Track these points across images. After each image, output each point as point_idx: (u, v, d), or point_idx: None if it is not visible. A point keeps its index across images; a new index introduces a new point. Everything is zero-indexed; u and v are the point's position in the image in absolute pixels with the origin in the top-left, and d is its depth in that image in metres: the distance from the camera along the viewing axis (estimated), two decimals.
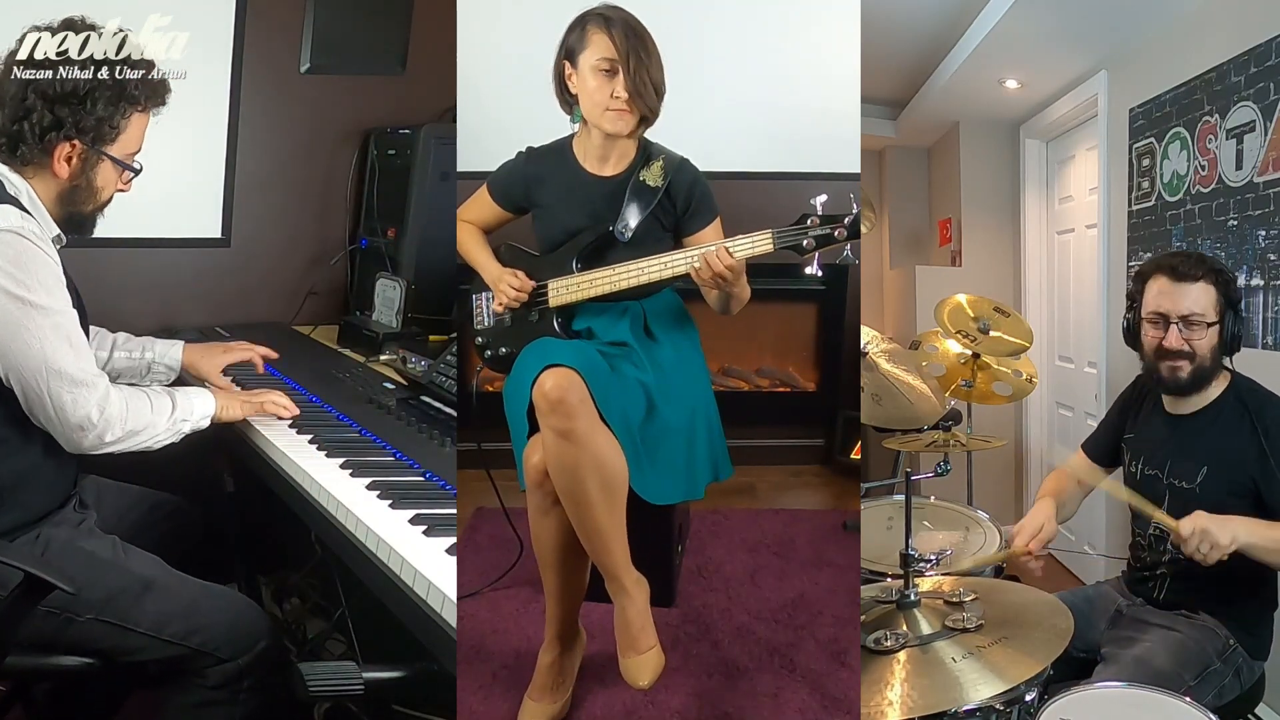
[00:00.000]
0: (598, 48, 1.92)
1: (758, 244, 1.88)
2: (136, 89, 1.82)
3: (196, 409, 1.93)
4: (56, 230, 1.84)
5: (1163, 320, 1.84)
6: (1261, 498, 1.77)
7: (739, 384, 3.53)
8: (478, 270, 2.14)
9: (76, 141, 1.78)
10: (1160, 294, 1.85)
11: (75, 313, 1.74)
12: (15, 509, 1.73)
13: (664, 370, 2.01)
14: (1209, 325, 1.81)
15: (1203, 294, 1.81)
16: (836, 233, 1.84)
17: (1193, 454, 1.85)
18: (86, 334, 1.89)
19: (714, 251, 1.87)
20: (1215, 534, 1.66)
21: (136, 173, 1.91)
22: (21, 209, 1.71)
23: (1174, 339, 1.82)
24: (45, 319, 1.68)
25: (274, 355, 2.36)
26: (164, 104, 1.89)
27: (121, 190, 1.91)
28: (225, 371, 2.27)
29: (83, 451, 1.76)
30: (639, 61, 1.91)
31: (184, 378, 2.28)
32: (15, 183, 1.77)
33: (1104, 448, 2.11)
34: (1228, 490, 1.80)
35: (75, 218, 1.88)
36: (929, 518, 2.39)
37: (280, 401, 2.07)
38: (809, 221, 1.85)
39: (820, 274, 1.86)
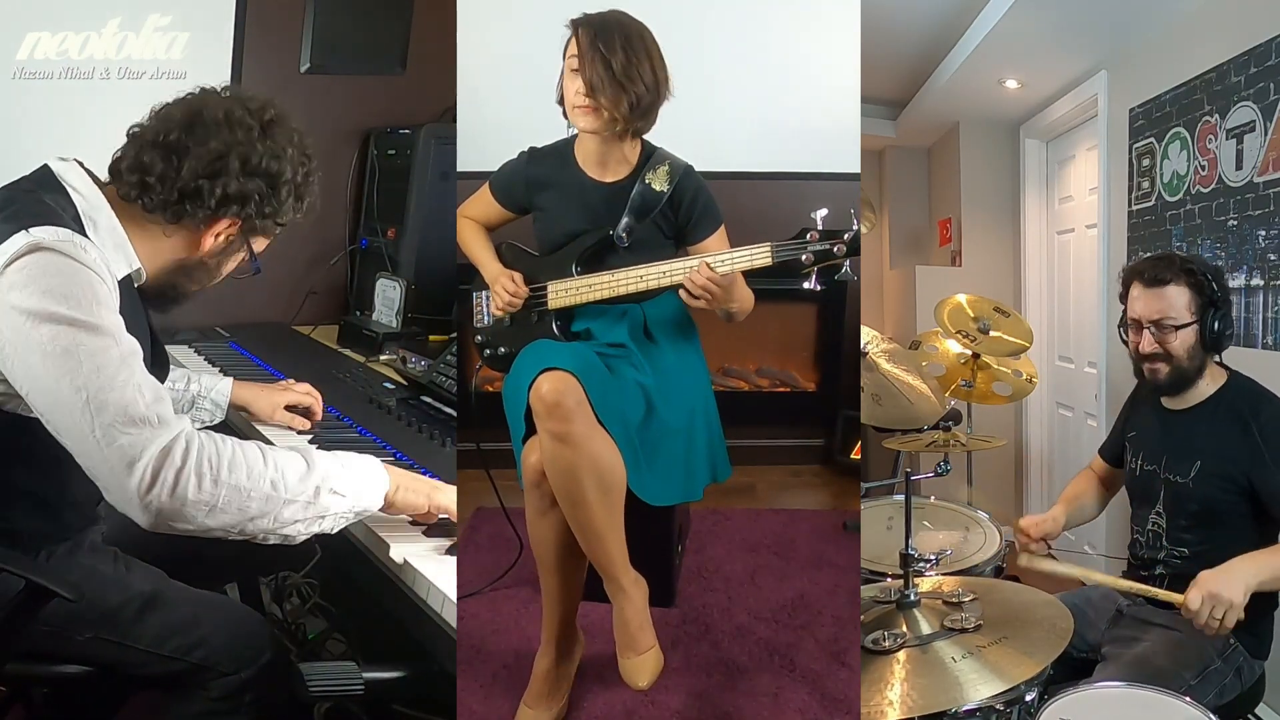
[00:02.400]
0: (570, 48, 1.94)
1: (756, 257, 1.87)
2: (309, 196, 1.69)
3: (355, 479, 1.50)
4: (137, 265, 1.59)
5: (1139, 325, 1.87)
6: (1254, 492, 1.78)
7: (739, 384, 3.53)
8: (478, 267, 2.14)
9: (239, 223, 1.61)
10: (1135, 299, 1.88)
11: (135, 342, 1.44)
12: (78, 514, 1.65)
13: (663, 372, 2.01)
14: (1180, 327, 1.83)
15: (1174, 296, 1.83)
16: (836, 249, 1.83)
17: (1187, 449, 1.86)
18: (162, 382, 1.72)
19: (696, 268, 1.87)
20: (1226, 594, 1.64)
21: (257, 273, 1.73)
22: (77, 230, 1.48)
23: (1146, 343, 1.86)
24: (92, 338, 1.36)
25: (319, 404, 2.13)
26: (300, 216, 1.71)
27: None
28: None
29: (167, 523, 1.35)
30: (599, 57, 1.89)
31: (230, 421, 2.05)
32: (91, 200, 1.54)
33: (1113, 450, 2.13)
34: (1220, 486, 1.81)
35: (174, 291, 1.66)
36: (929, 518, 2.39)
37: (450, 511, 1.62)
38: (808, 236, 1.83)
39: (819, 289, 1.85)
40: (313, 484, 1.45)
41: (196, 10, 2.92)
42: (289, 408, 2.08)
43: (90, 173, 1.59)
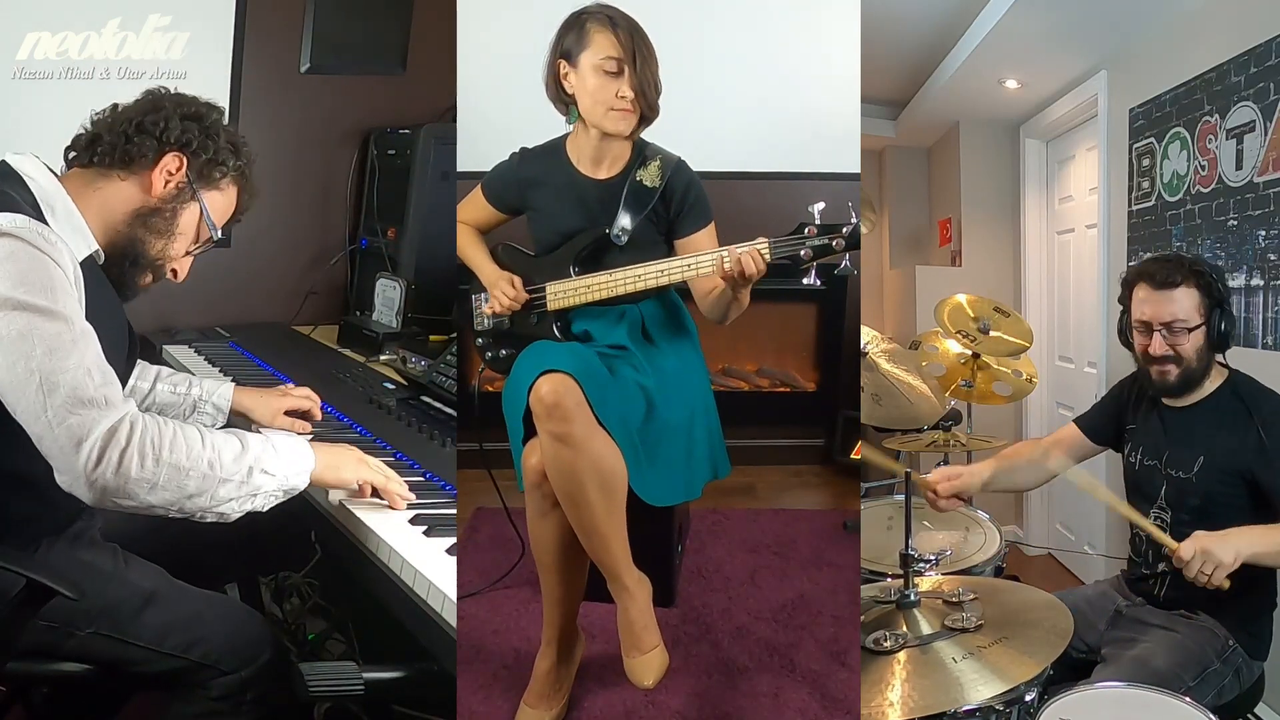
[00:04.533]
0: (601, 47, 1.90)
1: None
2: (244, 156, 1.78)
3: (284, 459, 1.59)
4: (95, 246, 1.65)
5: (1147, 327, 1.86)
6: (1258, 487, 1.78)
7: (739, 384, 3.53)
8: (474, 271, 2.14)
9: (185, 160, 1.69)
10: (1142, 302, 1.87)
11: (91, 329, 1.51)
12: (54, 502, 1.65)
13: (663, 372, 2.01)
14: (1191, 329, 1.82)
15: (1184, 298, 1.82)
16: (834, 243, 1.78)
17: (1190, 444, 1.86)
18: (130, 363, 1.77)
19: (749, 252, 1.79)
20: (1218, 553, 1.65)
21: (217, 240, 1.78)
22: (36, 217, 1.53)
23: (1158, 346, 1.84)
24: (47, 323, 1.44)
25: (317, 407, 2.13)
26: (250, 205, 1.84)
27: (175, 269, 1.75)
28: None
29: (111, 500, 1.44)
30: (644, 60, 1.90)
31: (233, 425, 2.05)
32: (45, 186, 1.60)
33: (1098, 425, 2.11)
34: (1223, 481, 1.81)
35: (135, 248, 1.68)
36: (929, 518, 2.39)
37: (399, 484, 1.70)
38: (806, 231, 1.79)
39: (818, 284, 1.82)
40: (246, 464, 1.53)
41: (196, 10, 2.92)
42: (288, 412, 2.08)
43: (45, 164, 1.65)
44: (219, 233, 1.78)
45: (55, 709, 1.84)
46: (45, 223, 1.54)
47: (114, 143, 1.66)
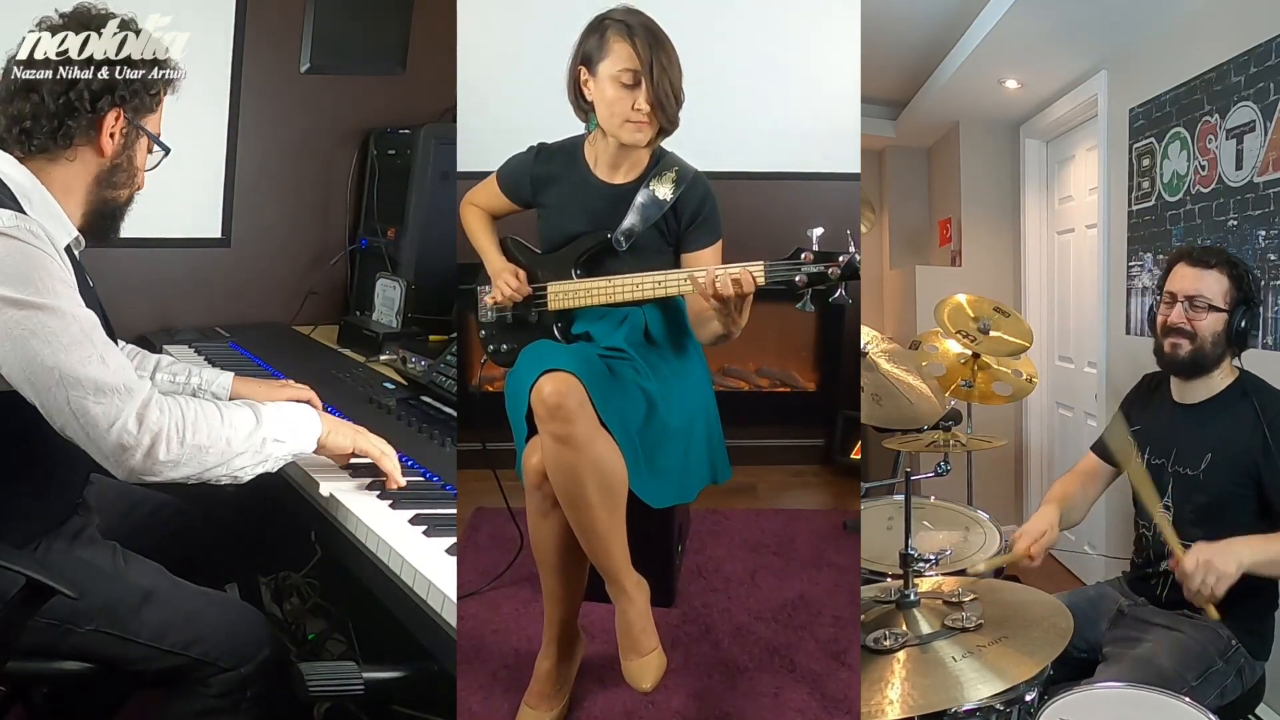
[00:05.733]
0: (619, 57, 1.86)
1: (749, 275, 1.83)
2: (159, 55, 1.73)
3: (293, 427, 1.69)
4: (74, 233, 1.68)
5: (1173, 299, 1.92)
6: (1263, 487, 1.79)
7: (739, 384, 3.53)
8: (481, 256, 2.13)
9: (121, 112, 1.67)
10: (1176, 277, 1.93)
11: (94, 314, 1.56)
12: (70, 485, 1.70)
13: (664, 376, 2.00)
14: (1213, 309, 1.87)
15: (1213, 280, 1.89)
16: (830, 271, 1.73)
17: (1198, 442, 1.88)
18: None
19: (738, 274, 1.74)
20: (1220, 565, 1.67)
21: (167, 152, 1.78)
22: (19, 211, 1.55)
23: (1176, 315, 1.90)
24: (55, 320, 1.48)
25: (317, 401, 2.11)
26: (181, 78, 1.79)
27: (139, 187, 1.77)
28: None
29: (138, 477, 1.53)
30: (661, 71, 1.86)
31: None
32: (20, 181, 1.61)
33: (1107, 444, 2.11)
34: (1230, 479, 1.82)
35: (110, 206, 1.72)
36: (929, 518, 2.39)
37: (392, 462, 1.79)
38: (803, 256, 1.75)
39: (812, 309, 1.77)
40: (260, 436, 1.63)
41: (196, 10, 2.92)
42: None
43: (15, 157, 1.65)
44: (168, 147, 1.78)
45: (55, 708, 1.84)
46: (27, 215, 1.55)
47: (50, 129, 1.63)
